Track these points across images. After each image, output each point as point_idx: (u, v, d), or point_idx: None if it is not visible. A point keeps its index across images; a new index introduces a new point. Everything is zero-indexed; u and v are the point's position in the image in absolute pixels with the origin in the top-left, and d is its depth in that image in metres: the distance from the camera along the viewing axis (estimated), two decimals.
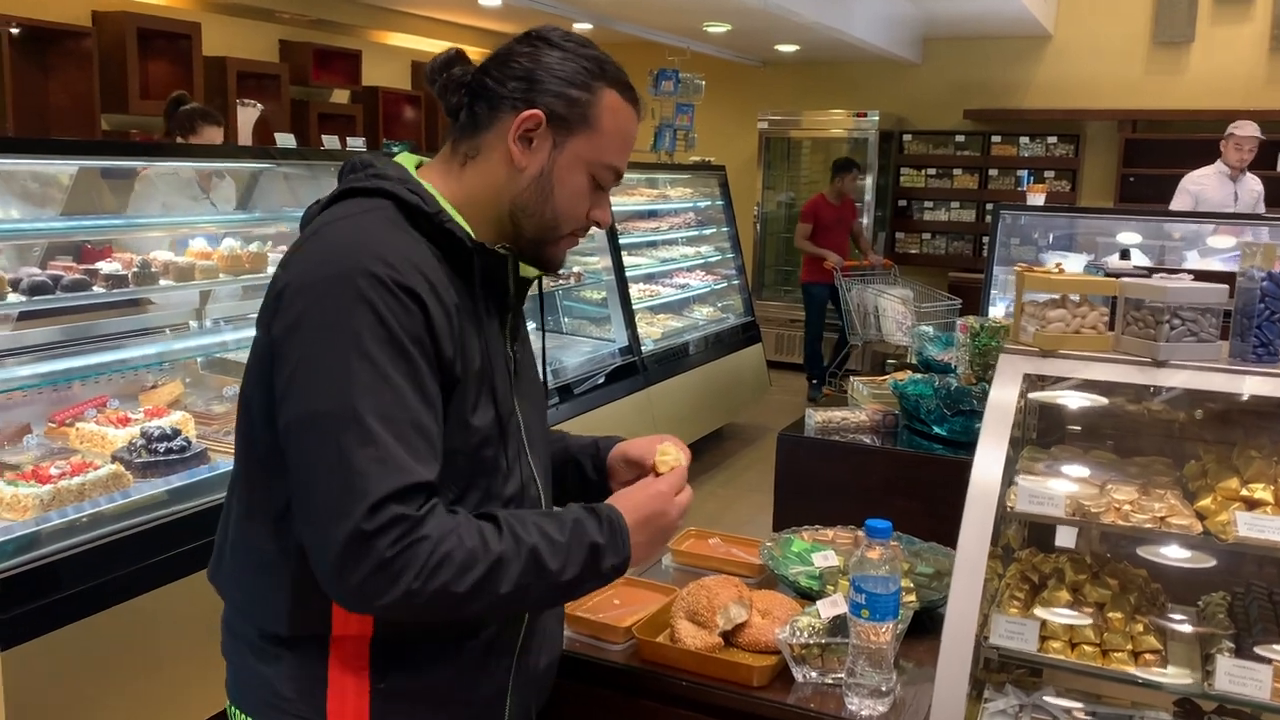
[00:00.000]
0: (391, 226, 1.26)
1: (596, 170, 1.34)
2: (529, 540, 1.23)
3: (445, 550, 1.16)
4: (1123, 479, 1.64)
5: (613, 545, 1.30)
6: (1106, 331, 1.61)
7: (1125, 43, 8.55)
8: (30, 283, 2.88)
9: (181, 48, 6.33)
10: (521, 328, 1.45)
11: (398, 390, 1.18)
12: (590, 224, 1.37)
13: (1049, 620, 1.55)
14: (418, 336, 1.20)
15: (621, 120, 1.34)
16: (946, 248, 9.43)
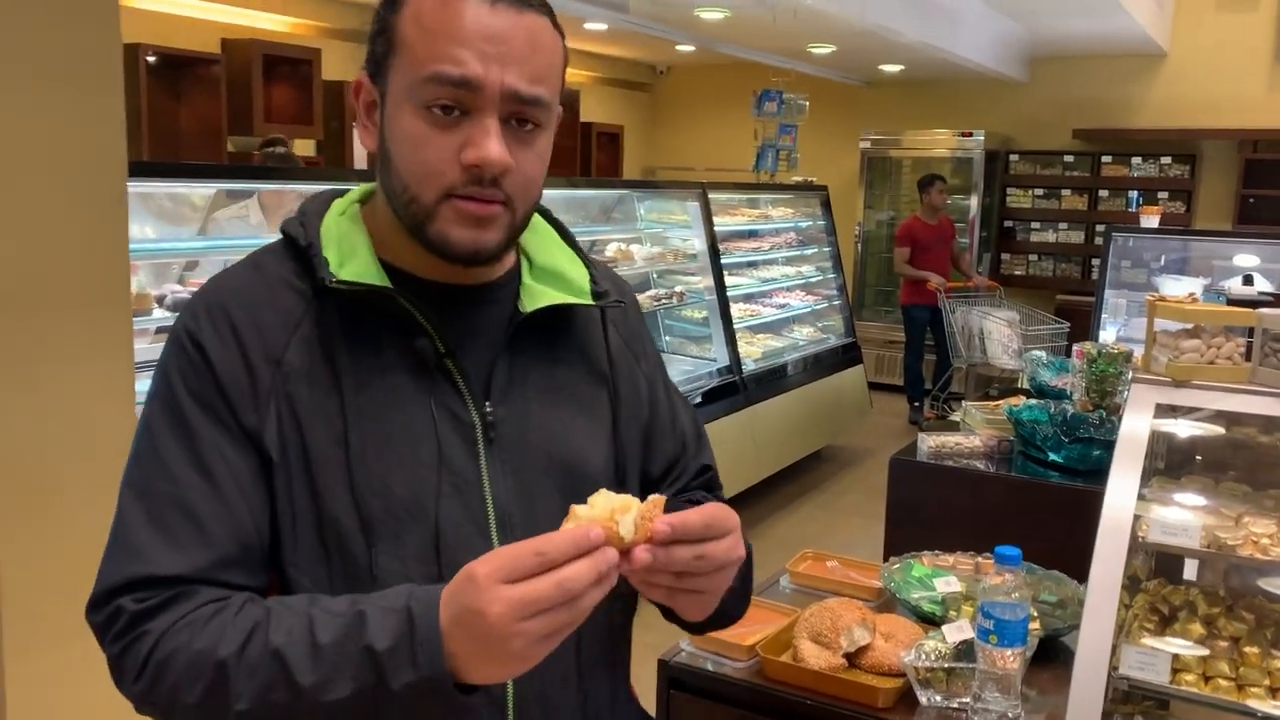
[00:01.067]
0: (255, 269, 1.06)
1: (420, 94, 0.96)
2: (274, 642, 0.90)
3: (169, 650, 0.92)
4: (1259, 511, 1.62)
5: (406, 653, 0.87)
6: (1242, 363, 1.59)
7: (1245, 59, 8.29)
8: (175, 299, 3.05)
9: (303, 73, 6.59)
10: (525, 379, 1.08)
11: (163, 462, 0.98)
12: (467, 170, 0.97)
13: (1181, 653, 1.54)
14: (205, 399, 0.99)
15: (431, 18, 0.97)
16: (1054, 269, 9.25)
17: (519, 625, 0.83)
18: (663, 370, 1.26)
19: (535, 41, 0.98)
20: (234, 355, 0.99)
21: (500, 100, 0.96)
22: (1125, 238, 5.98)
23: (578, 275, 1.14)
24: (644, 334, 1.24)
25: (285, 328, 1.01)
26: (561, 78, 1.04)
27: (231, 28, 6.39)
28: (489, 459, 1.04)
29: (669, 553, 0.89)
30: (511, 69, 0.96)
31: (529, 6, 0.99)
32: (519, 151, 0.99)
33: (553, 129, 1.05)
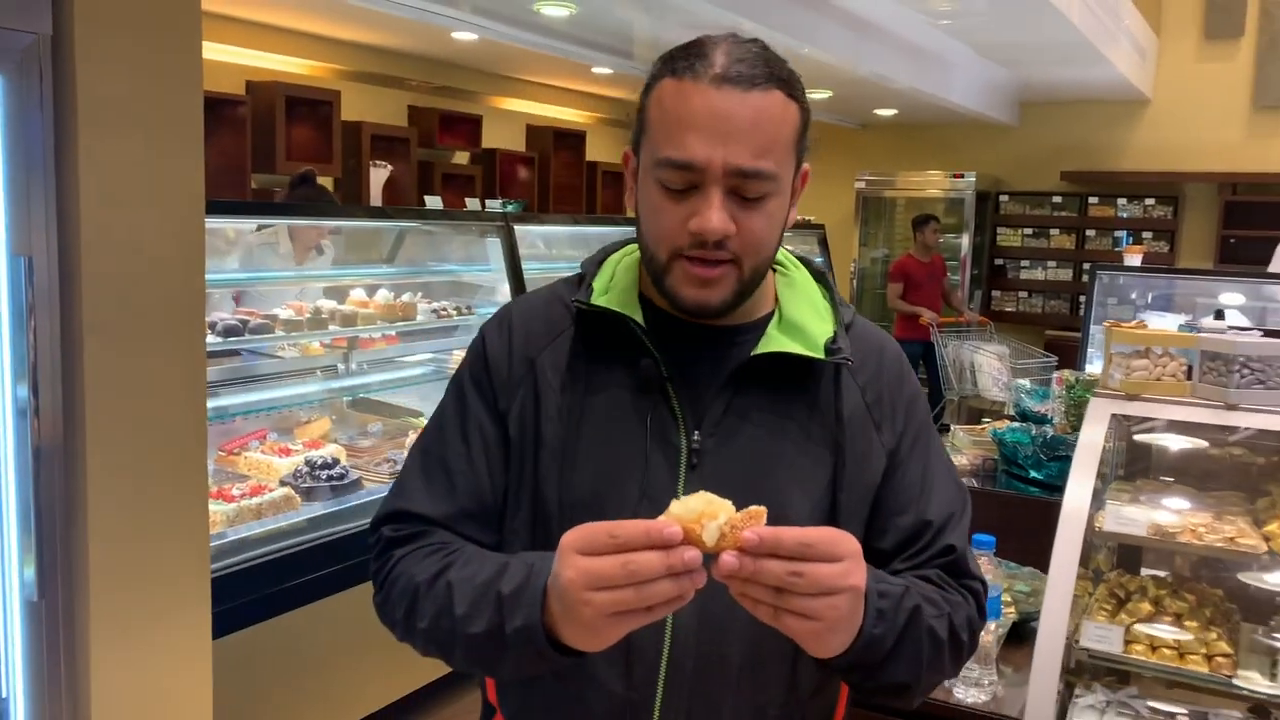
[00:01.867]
0: (549, 289, 1.27)
1: (658, 174, 1.09)
2: (452, 577, 1.09)
3: (398, 572, 1.14)
4: (1200, 508, 1.88)
5: (518, 600, 1.01)
6: (1185, 380, 1.86)
7: (1225, 107, 8.64)
8: (224, 326, 3.30)
9: (323, 113, 6.88)
10: (743, 416, 1.14)
11: (444, 426, 1.21)
12: (692, 235, 1.07)
13: (1133, 626, 1.79)
14: (477, 378, 1.21)
15: (668, 104, 1.08)
16: (1043, 306, 9.55)
17: (586, 594, 0.91)
18: (924, 444, 1.22)
19: (759, 118, 1.06)
20: (503, 349, 1.20)
21: (723, 175, 1.06)
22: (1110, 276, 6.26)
23: (819, 331, 1.18)
24: (900, 404, 1.22)
25: (547, 335, 1.20)
26: (796, 140, 1.11)
27: (256, 70, 6.68)
28: (688, 483, 1.11)
29: (759, 564, 0.90)
30: (733, 147, 1.05)
31: (754, 85, 1.06)
32: (744, 216, 1.08)
33: (786, 189, 1.12)
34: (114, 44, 2.06)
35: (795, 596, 0.91)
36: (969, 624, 1.15)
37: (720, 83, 1.05)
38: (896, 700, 1.11)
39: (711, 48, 1.08)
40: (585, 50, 6.01)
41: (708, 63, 1.06)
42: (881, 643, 1.02)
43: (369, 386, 4.34)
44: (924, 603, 1.08)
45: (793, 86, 1.10)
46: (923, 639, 1.07)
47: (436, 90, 7.87)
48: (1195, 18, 8.67)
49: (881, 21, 6.11)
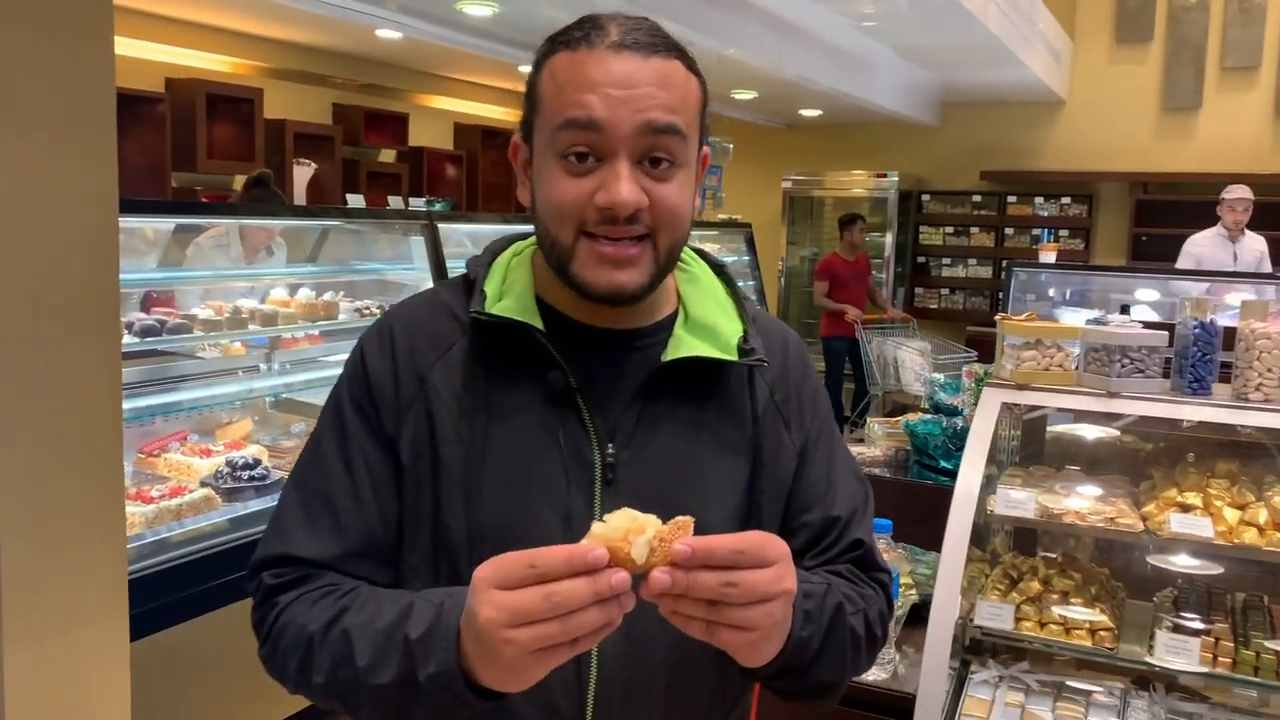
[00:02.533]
0: (432, 295, 1.16)
1: (556, 143, 1.01)
2: (349, 623, 0.99)
3: (285, 621, 1.04)
4: (1086, 491, 1.98)
5: (429, 644, 0.93)
6: (1071, 369, 1.95)
7: (1135, 108, 8.93)
8: (141, 326, 3.27)
9: (245, 111, 6.81)
10: (656, 426, 1.08)
11: (323, 455, 1.09)
12: (600, 211, 0.99)
13: (1023, 605, 1.88)
14: (360, 404, 1.09)
15: (563, 75, 1.01)
16: (964, 303, 9.77)
17: (507, 632, 0.84)
18: (828, 439, 1.20)
19: (665, 80, 1.01)
20: (387, 367, 1.09)
21: (631, 139, 0.99)
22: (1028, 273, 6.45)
23: (729, 330, 1.12)
24: (806, 399, 1.19)
25: (436, 349, 1.09)
26: (699, 113, 1.06)
27: (175, 67, 6.59)
28: (604, 500, 1.04)
29: (692, 578, 0.85)
30: (641, 104, 0.98)
31: (655, 51, 1.01)
32: (655, 187, 1.01)
33: (693, 165, 1.06)
34: (19, 39, 2.04)
35: (730, 608, 0.87)
36: (881, 618, 1.15)
37: (619, 49, 1.00)
38: (821, 700, 1.09)
39: (605, 20, 1.03)
40: (510, 49, 6.02)
41: (603, 33, 1.01)
42: (809, 645, 1.01)
43: (291, 386, 4.31)
44: (844, 600, 1.07)
45: (692, 61, 1.05)
46: (846, 637, 1.06)
47: (362, 88, 7.82)
48: (1107, 22, 8.95)
49: (805, 24, 6.22)
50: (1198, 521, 1.76)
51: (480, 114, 8.86)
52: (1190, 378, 1.84)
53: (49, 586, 2.19)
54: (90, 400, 2.28)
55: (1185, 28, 8.68)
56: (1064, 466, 2.17)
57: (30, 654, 2.19)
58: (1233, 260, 6.29)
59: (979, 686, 1.89)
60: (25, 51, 2.05)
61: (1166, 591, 1.99)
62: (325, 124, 7.58)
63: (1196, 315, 1.84)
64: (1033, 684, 1.88)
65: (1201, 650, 1.73)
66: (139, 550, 2.98)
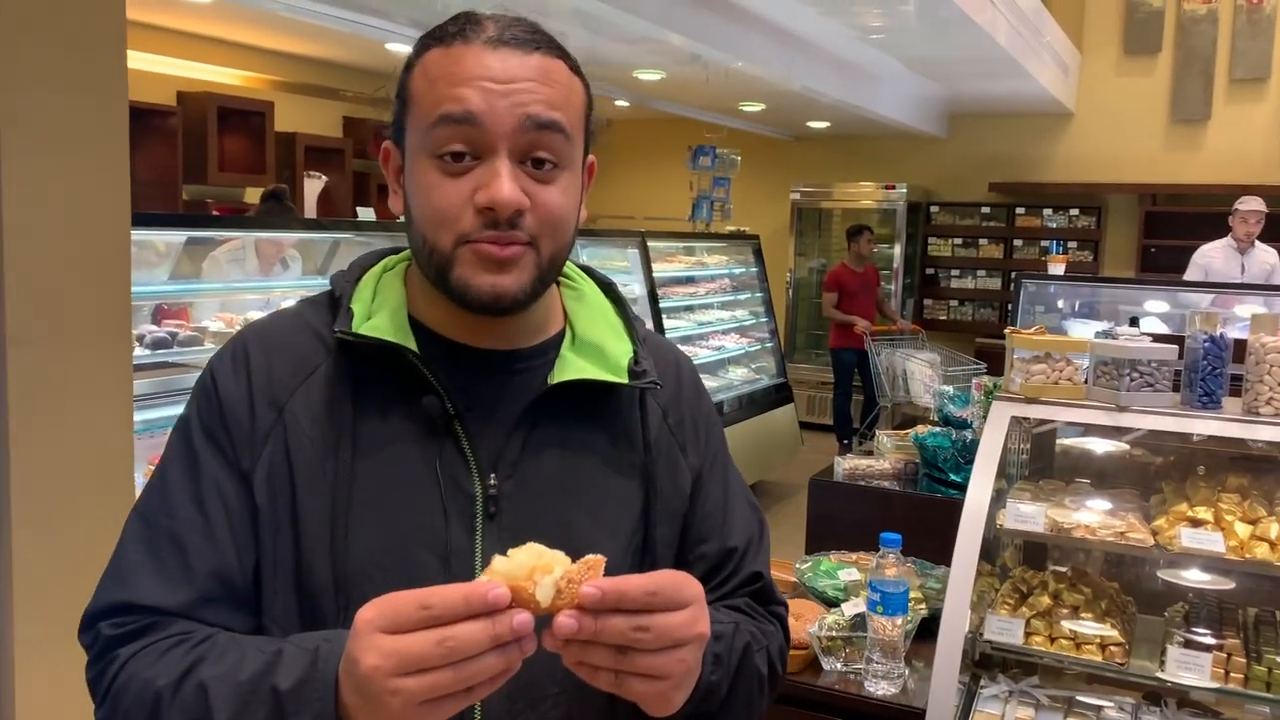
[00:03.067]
0: (295, 314, 1.05)
1: (430, 143, 0.93)
2: (204, 675, 0.87)
3: (126, 676, 0.91)
4: (1096, 505, 1.97)
5: (303, 696, 0.83)
6: (1080, 383, 1.95)
7: (1144, 120, 8.93)
8: (152, 338, 3.29)
9: (255, 124, 6.85)
10: (540, 454, 1.00)
11: (169, 489, 0.97)
12: (481, 214, 0.92)
13: (1032, 619, 1.87)
14: (212, 432, 0.97)
15: (436, 68, 0.94)
16: (973, 314, 9.77)
17: (395, 681, 0.76)
18: (722, 465, 1.15)
19: (547, 75, 0.94)
20: (241, 393, 0.98)
21: (511, 135, 0.92)
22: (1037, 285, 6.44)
23: (619, 351, 1.05)
24: (700, 422, 1.13)
25: (297, 374, 0.99)
26: (584, 116, 0.99)
27: (187, 81, 6.63)
28: (485, 534, 0.96)
29: (601, 622, 0.79)
30: (520, 100, 0.92)
31: (536, 47, 0.95)
32: (537, 190, 0.94)
33: (578, 167, 0.99)
34: (36, 55, 2.07)
35: (641, 654, 0.80)
36: (781, 654, 1.09)
37: (497, 44, 0.93)
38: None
39: (482, 16, 0.96)
40: None
41: (479, 28, 0.94)
42: (718, 690, 0.95)
43: None
44: (750, 639, 1.02)
45: (575, 63, 0.99)
46: (753, 678, 1.01)
47: (372, 101, 7.86)
48: (1115, 34, 8.96)
49: (812, 36, 6.24)
50: (1209, 536, 1.76)
51: None
52: (1200, 391, 1.84)
53: (61, 596, 2.20)
54: (103, 411, 2.30)
55: (1194, 39, 8.68)
56: (1073, 480, 2.17)
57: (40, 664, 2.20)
58: (1240, 272, 6.28)
59: (989, 701, 1.89)
60: (40, 66, 2.07)
61: (1177, 606, 1.99)
62: (336, 137, 7.62)
63: (1206, 329, 1.84)
64: (1043, 699, 1.87)
65: (1213, 666, 1.73)
66: None
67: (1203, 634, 1.83)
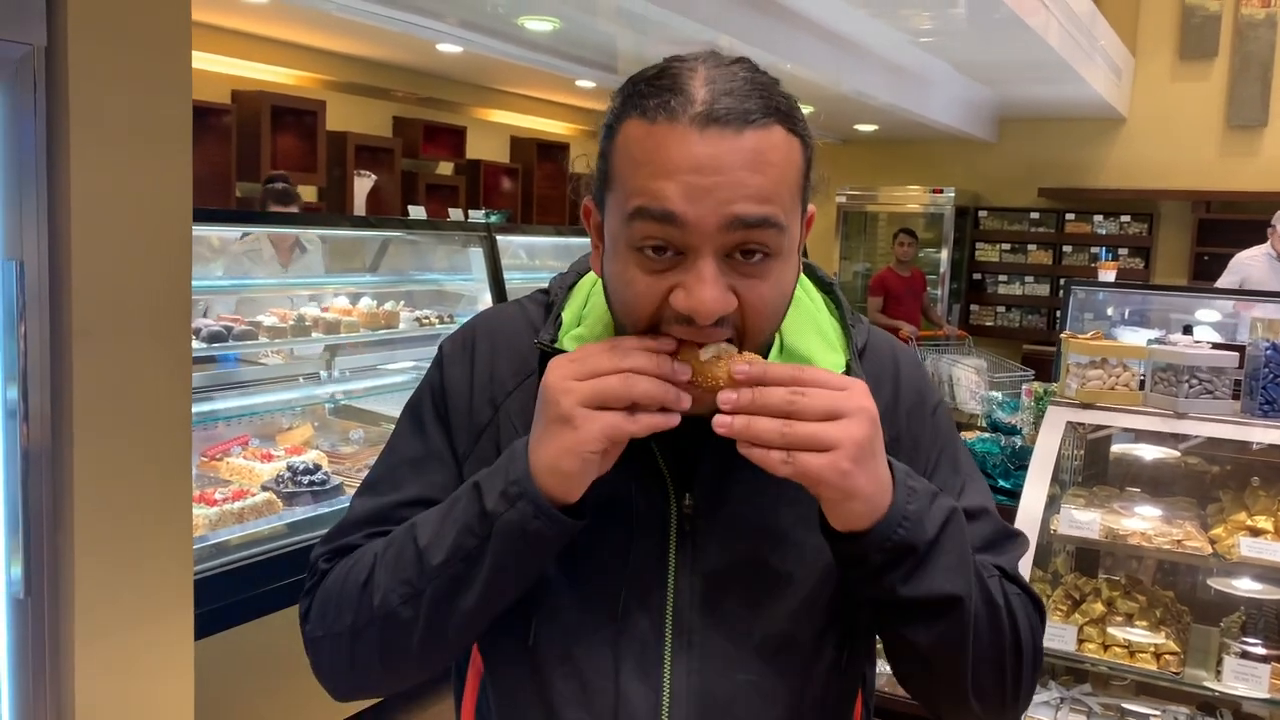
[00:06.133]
0: (519, 308, 1.08)
1: (629, 233, 0.87)
2: (416, 520, 0.96)
3: (340, 568, 1.01)
4: (1152, 512, 1.95)
5: (500, 472, 0.90)
6: (1137, 389, 1.93)
7: (1199, 125, 8.79)
8: (208, 332, 3.35)
9: (308, 123, 6.94)
10: (735, 473, 0.94)
11: (392, 459, 1.05)
12: (676, 313, 0.87)
13: (1085, 626, 1.86)
14: (439, 410, 1.03)
15: (638, 151, 0.86)
16: (1021, 320, 9.66)
17: (568, 382, 0.85)
18: (952, 474, 1.05)
19: (760, 160, 0.85)
20: (464, 383, 1.02)
21: (716, 234, 0.84)
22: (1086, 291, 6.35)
23: (829, 364, 0.98)
24: (921, 433, 1.04)
25: (516, 375, 1.01)
26: (801, 181, 0.92)
27: (241, 79, 6.73)
28: (679, 555, 0.95)
29: (759, 390, 0.83)
30: (728, 194, 0.84)
31: (749, 121, 0.85)
32: (747, 286, 0.87)
33: (794, 248, 0.93)
34: (106, 54, 2.11)
35: (803, 424, 0.82)
36: (1029, 620, 0.99)
37: (706, 123, 0.84)
38: (944, 643, 0.91)
39: (688, 77, 0.86)
40: (568, 64, 6.08)
41: (685, 98, 0.84)
42: (920, 526, 0.88)
43: (351, 393, 4.38)
44: (965, 524, 0.93)
45: (794, 119, 0.90)
46: (968, 556, 0.92)
47: (421, 101, 7.93)
48: (1170, 38, 8.82)
49: (863, 39, 6.22)
50: (1269, 546, 1.74)
51: (536, 128, 8.94)
52: (1261, 399, 1.82)
53: (121, 583, 2.25)
54: (162, 404, 2.34)
55: (1251, 44, 8.53)
56: (1125, 487, 2.15)
57: (100, 649, 2.24)
58: (1278, 280, 6.22)
59: (1040, 708, 1.87)
60: (109, 66, 2.12)
61: (1234, 616, 1.97)
62: (386, 136, 7.69)
63: (1269, 336, 1.82)
64: (1095, 707, 1.86)
65: (1271, 678, 1.70)
66: (201, 552, 3.05)
67: (1260, 644, 1.80)
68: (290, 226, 4.09)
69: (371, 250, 4.64)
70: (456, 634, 0.95)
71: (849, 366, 0.99)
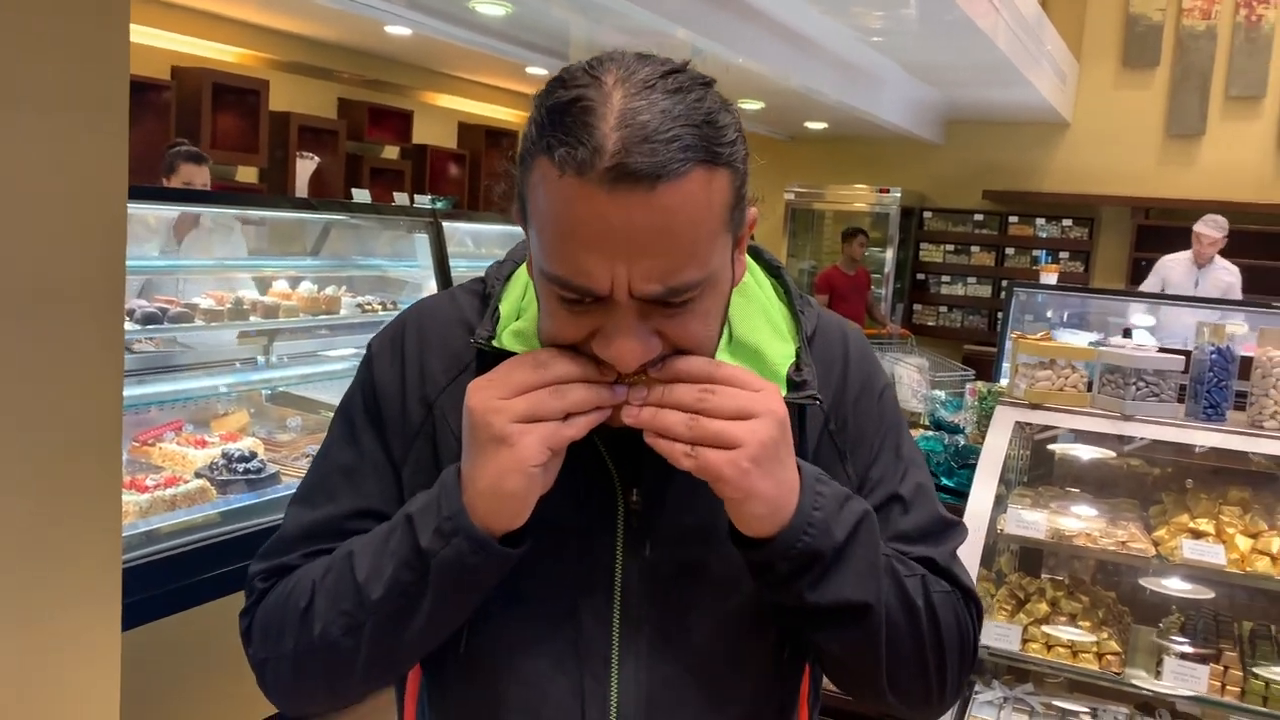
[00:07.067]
0: (450, 301, 1.04)
1: (545, 277, 0.84)
2: (353, 546, 0.93)
3: (279, 591, 0.98)
4: (1096, 513, 1.96)
5: (434, 502, 0.88)
6: (1085, 390, 1.94)
7: (1139, 133, 8.96)
8: (143, 313, 3.25)
9: (250, 102, 6.78)
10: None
11: (324, 467, 1.01)
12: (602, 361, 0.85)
13: (1030, 626, 1.86)
14: (370, 413, 1.00)
15: (546, 205, 0.81)
16: (962, 321, 9.78)
17: (498, 401, 0.82)
18: (894, 460, 1.02)
19: (671, 223, 0.79)
20: (395, 384, 0.98)
21: (630, 299, 0.81)
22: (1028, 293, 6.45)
23: (778, 355, 0.96)
24: (868, 426, 1.01)
25: (447, 371, 0.98)
26: (728, 218, 0.86)
27: (182, 55, 6.56)
28: (627, 550, 0.93)
29: (670, 387, 0.83)
30: (640, 267, 0.80)
31: (660, 177, 0.77)
32: (671, 325, 0.84)
33: (725, 275, 0.88)
34: (36, 21, 2.02)
35: (712, 420, 0.82)
36: (957, 616, 0.97)
37: (616, 180, 0.77)
38: (854, 649, 0.90)
39: (599, 116, 0.78)
40: (520, 50, 6.01)
41: (593, 148, 0.77)
42: (827, 532, 0.86)
43: (289, 380, 4.29)
44: (894, 558, 0.93)
45: (716, 145, 0.83)
46: (878, 561, 0.90)
47: (367, 84, 7.80)
48: (1114, 46, 8.97)
49: (815, 36, 6.22)
50: (1211, 548, 1.75)
51: (485, 114, 8.84)
52: (1206, 403, 1.83)
53: (45, 570, 2.17)
54: (92, 386, 2.26)
55: (1192, 55, 8.70)
56: (1071, 488, 2.16)
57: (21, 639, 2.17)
58: (1194, 287, 6.45)
59: (983, 707, 1.87)
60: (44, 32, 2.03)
61: (1173, 617, 1.98)
62: (330, 118, 7.56)
63: (1214, 341, 1.83)
64: (1037, 706, 1.86)
65: (1210, 678, 1.72)
66: (131, 540, 2.95)
67: (1199, 646, 1.82)
68: (230, 207, 3.98)
69: (313, 234, 4.54)
70: (401, 659, 0.94)
71: (799, 355, 0.97)
